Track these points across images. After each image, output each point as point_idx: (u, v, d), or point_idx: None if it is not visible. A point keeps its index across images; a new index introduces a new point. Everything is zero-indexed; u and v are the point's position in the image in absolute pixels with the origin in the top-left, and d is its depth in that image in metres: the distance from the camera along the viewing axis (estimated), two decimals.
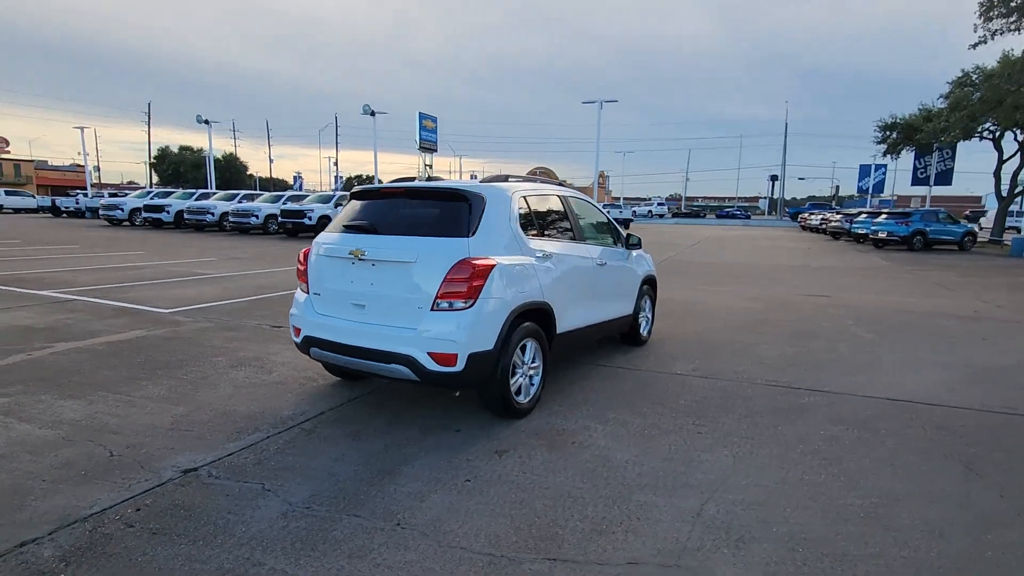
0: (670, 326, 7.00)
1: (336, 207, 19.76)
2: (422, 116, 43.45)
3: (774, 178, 74.19)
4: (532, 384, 4.00)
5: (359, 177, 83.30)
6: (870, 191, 46.92)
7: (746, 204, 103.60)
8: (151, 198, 25.27)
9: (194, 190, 26.99)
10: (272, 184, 63.10)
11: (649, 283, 6.15)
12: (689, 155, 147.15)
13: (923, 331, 7.01)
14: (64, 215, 34.22)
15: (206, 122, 30.93)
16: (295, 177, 60.15)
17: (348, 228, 3.93)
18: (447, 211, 3.76)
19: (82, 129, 39.11)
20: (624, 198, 74.97)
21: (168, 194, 26.14)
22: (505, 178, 4.31)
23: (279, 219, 20.92)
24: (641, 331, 5.99)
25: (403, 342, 3.48)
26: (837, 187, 76.55)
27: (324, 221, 18.89)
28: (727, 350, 5.87)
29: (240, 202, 23.32)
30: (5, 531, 2.45)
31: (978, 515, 2.75)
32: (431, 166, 46.76)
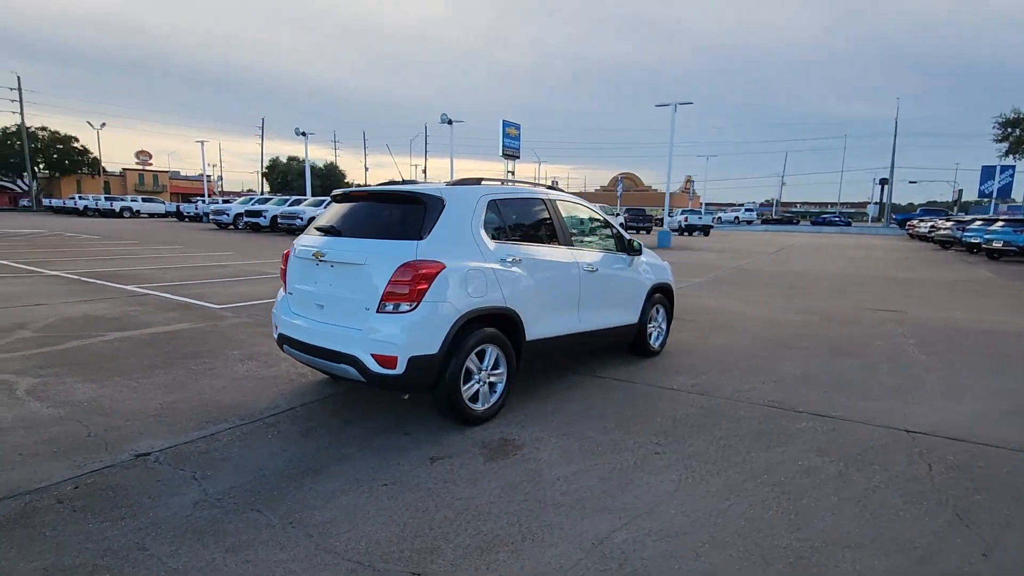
0: (696, 338, 6.56)
1: None
2: (505, 124, 44.02)
3: (883, 182, 67.81)
4: (494, 392, 3.89)
5: None
6: (994, 195, 41.52)
7: (852, 210, 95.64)
8: (251, 204, 27.54)
9: (288, 196, 29.11)
10: None
11: (662, 292, 5.80)
12: (786, 158, 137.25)
13: (994, 355, 6.07)
14: (186, 219, 38.11)
15: (303, 134, 33.27)
16: None
17: (318, 230, 4.03)
18: (403, 214, 3.75)
19: (202, 143, 43.61)
20: (708, 203, 71.65)
21: (266, 200, 28.36)
22: (477, 181, 4.23)
23: None
24: (652, 342, 5.66)
25: (350, 343, 3.50)
26: (959, 191, 68.59)
27: None
28: (743, 366, 5.39)
29: (325, 208, 24.76)
30: None
31: (940, 574, 2.31)
32: (513, 172, 47.28)
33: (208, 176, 64.18)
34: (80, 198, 46.57)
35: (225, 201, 37.04)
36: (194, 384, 4.48)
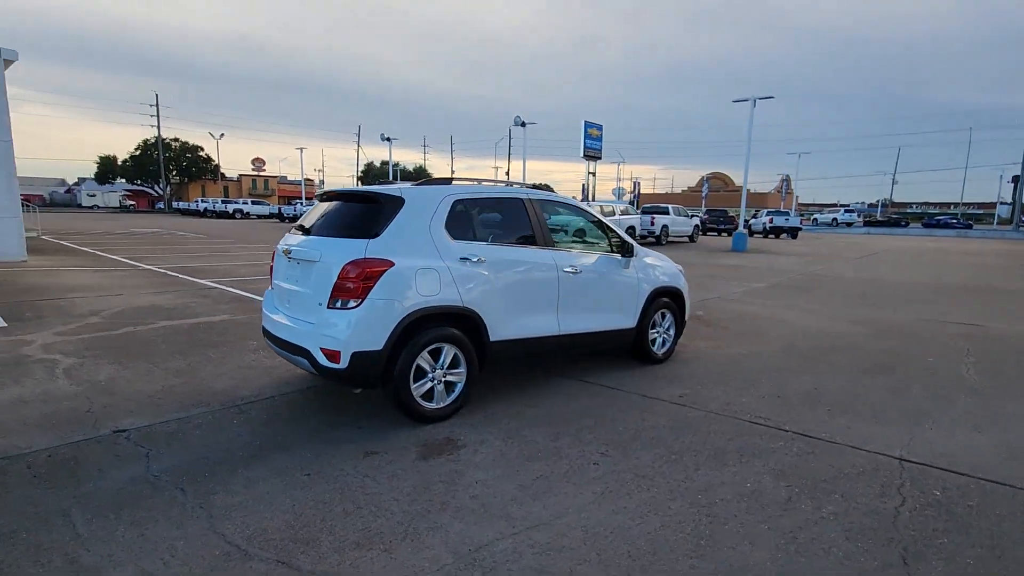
0: (715, 345, 6.16)
1: None
2: (587, 125, 43.54)
3: (1015, 179, 59.77)
4: (452, 391, 3.88)
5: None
6: None
7: (978, 211, 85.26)
8: None
9: None
10: None
11: (669, 296, 5.49)
12: (899, 153, 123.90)
13: None
14: (286, 220, 41.26)
15: (388, 139, 34.91)
16: None
17: (296, 228, 4.22)
18: (361, 213, 3.84)
19: (301, 150, 46.93)
20: (805, 204, 66.61)
21: None
22: (448, 181, 4.23)
23: None
24: (655, 349, 5.38)
25: (304, 336, 3.64)
26: None
27: None
28: (749, 378, 4.99)
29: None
30: None
31: None
32: (595, 174, 46.73)
33: (311, 180, 69.06)
34: (201, 201, 51.84)
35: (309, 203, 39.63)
36: (200, 370, 4.85)
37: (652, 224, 22.92)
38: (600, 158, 45.39)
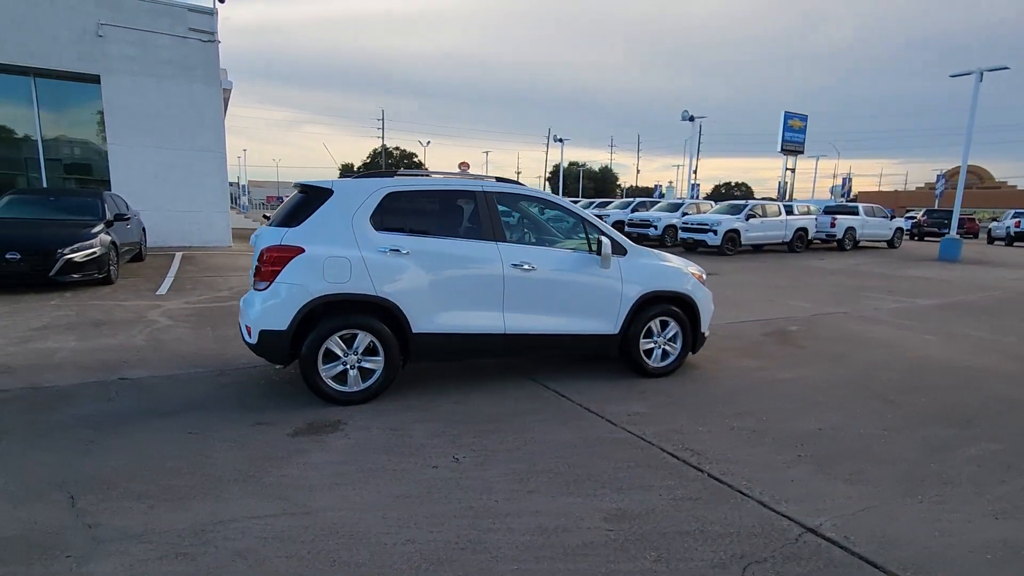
0: (761, 365, 5.17)
1: (683, 215, 19.11)
2: (787, 116, 38.94)
3: None
4: (369, 377, 3.94)
5: (726, 185, 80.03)
6: None
7: None
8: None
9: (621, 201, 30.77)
10: (637, 193, 67.09)
11: (669, 302, 4.75)
12: None
13: None
14: None
15: (560, 140, 35.43)
16: (655, 186, 62.40)
17: (263, 217, 4.67)
18: (297, 204, 4.08)
19: (487, 152, 50.59)
20: None
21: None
22: (392, 173, 4.26)
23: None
24: (649, 360, 4.73)
25: (241, 314, 4.05)
26: None
27: (669, 231, 18.74)
28: (749, 408, 4.09)
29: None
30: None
31: None
32: (793, 170, 41.59)
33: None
34: None
35: None
36: (236, 339, 5.64)
37: (832, 226, 19.59)
38: (802, 152, 40.23)
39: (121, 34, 13.10)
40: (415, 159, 79.64)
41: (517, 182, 4.80)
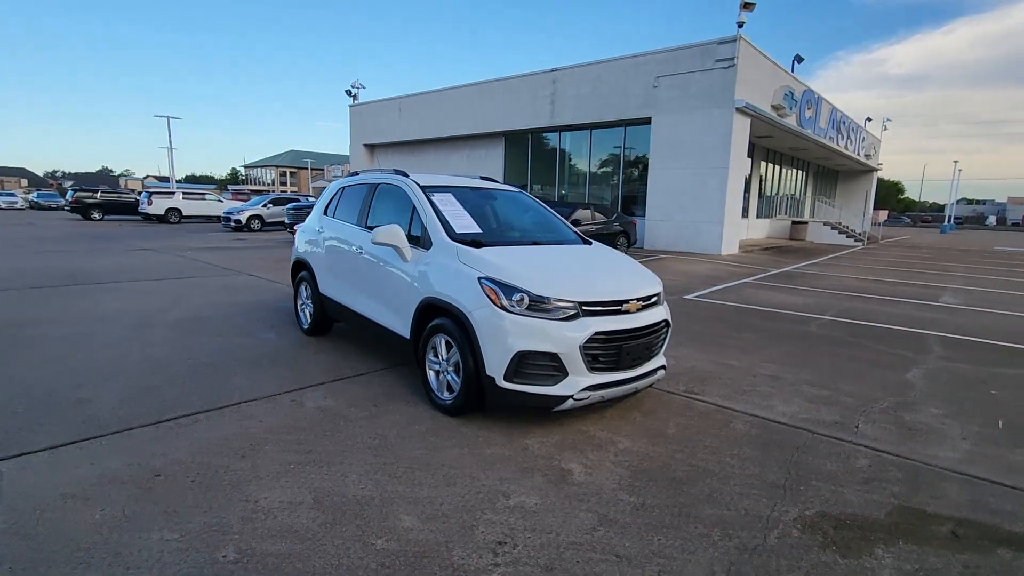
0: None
1: None
2: None
3: None
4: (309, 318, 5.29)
5: None
6: None
7: None
8: None
9: None
10: None
11: (446, 315, 3.32)
12: None
13: None
14: None
15: None
16: None
17: None
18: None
19: None
20: None
21: None
22: (356, 174, 5.10)
23: None
24: (433, 388, 3.51)
25: None
26: None
27: None
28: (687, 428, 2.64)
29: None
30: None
31: None
32: None
33: None
34: None
35: None
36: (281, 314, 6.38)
37: None
38: None
39: (667, 80, 15.59)
40: None
41: (405, 174, 4.41)
